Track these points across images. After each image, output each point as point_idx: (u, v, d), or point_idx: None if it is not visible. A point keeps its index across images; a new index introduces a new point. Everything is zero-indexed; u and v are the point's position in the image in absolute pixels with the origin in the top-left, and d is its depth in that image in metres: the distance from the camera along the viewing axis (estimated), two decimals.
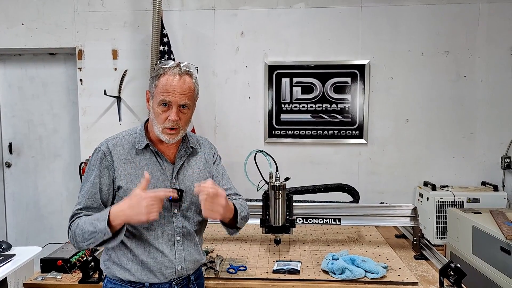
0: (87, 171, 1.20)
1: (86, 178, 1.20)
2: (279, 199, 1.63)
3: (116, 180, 1.19)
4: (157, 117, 1.17)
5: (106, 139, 1.23)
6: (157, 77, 1.17)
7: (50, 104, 3.23)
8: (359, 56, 2.95)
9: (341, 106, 2.99)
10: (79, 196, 1.19)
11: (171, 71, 1.16)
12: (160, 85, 1.15)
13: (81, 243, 1.12)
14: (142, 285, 1.18)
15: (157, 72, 1.18)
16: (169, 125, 1.16)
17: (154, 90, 1.17)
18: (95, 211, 1.16)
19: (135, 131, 1.26)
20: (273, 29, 2.97)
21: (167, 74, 1.16)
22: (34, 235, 3.28)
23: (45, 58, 3.20)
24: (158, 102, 1.16)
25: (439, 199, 2.69)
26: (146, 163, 1.21)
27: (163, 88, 1.15)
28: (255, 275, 1.49)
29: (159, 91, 1.15)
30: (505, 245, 1.91)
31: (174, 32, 2.96)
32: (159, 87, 1.15)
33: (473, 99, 2.91)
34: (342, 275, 1.45)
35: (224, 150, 3.05)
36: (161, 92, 1.15)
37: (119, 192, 1.19)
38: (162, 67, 1.18)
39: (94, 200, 1.18)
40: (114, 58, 3.03)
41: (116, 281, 1.21)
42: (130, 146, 1.22)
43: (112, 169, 1.19)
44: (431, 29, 2.88)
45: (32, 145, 3.27)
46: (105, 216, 1.07)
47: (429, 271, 1.55)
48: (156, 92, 1.16)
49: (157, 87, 1.16)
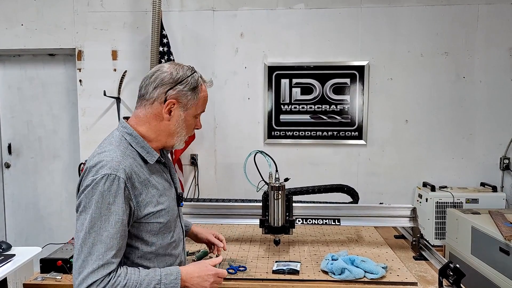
0: (100, 205, 0.96)
1: (106, 214, 0.96)
2: (279, 200, 1.63)
3: (142, 208, 1.04)
4: (188, 128, 1.15)
5: (113, 163, 0.99)
6: (198, 89, 1.13)
7: (49, 105, 3.23)
8: (359, 57, 2.95)
9: (340, 107, 2.99)
10: (102, 240, 0.94)
11: (206, 84, 1.18)
12: (203, 97, 1.15)
13: None
14: None
15: (197, 83, 1.13)
16: (193, 133, 1.19)
17: (193, 102, 1.12)
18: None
19: (131, 142, 1.07)
20: (273, 30, 2.98)
21: (204, 86, 1.17)
22: (34, 236, 3.28)
23: (44, 59, 3.20)
24: (196, 114, 1.16)
25: (438, 200, 2.70)
26: (159, 175, 1.13)
27: (205, 100, 1.17)
28: (254, 276, 1.49)
29: (202, 103, 1.16)
30: (504, 246, 1.92)
31: (173, 33, 2.97)
32: (202, 99, 1.15)
33: (472, 100, 2.92)
34: (341, 275, 1.45)
35: (224, 151, 3.06)
36: (203, 104, 1.17)
37: (146, 218, 1.05)
38: (200, 76, 1.16)
39: (124, 241, 1.01)
40: (114, 59, 3.03)
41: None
42: (138, 163, 1.06)
43: (132, 198, 1.02)
44: (431, 30, 2.89)
45: (31, 146, 3.27)
46: (177, 283, 1.02)
47: (428, 271, 1.55)
48: (197, 105, 1.14)
49: (199, 99, 1.14)
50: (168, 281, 1.02)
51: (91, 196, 0.97)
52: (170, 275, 1.04)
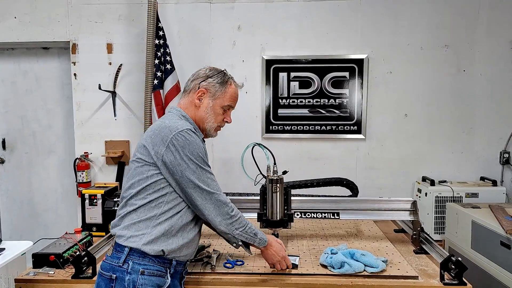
0: (199, 153, 1.25)
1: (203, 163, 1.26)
2: (277, 193, 1.60)
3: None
4: (216, 116, 1.37)
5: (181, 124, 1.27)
6: (225, 84, 1.37)
7: (44, 99, 3.18)
8: (358, 50, 2.91)
9: (339, 101, 2.96)
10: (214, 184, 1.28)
11: (236, 84, 1.42)
12: (230, 92, 1.38)
13: (239, 230, 1.29)
14: (169, 263, 1.25)
15: (224, 78, 1.38)
16: (223, 125, 1.41)
17: (222, 94, 1.36)
18: None
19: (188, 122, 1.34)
20: (271, 23, 2.93)
21: (233, 85, 1.40)
22: (29, 232, 3.23)
23: (38, 52, 3.14)
24: (223, 106, 1.37)
25: (437, 194, 2.67)
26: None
27: (232, 96, 1.39)
28: (252, 270, 1.46)
29: (228, 97, 1.38)
30: (505, 240, 1.89)
31: (169, 25, 2.92)
32: (229, 93, 1.38)
33: (472, 94, 2.89)
34: (341, 269, 1.42)
35: (221, 145, 3.02)
36: (230, 99, 1.39)
37: None
38: (231, 77, 1.41)
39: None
40: (109, 52, 2.98)
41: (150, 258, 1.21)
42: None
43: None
44: (431, 22, 2.85)
45: (26, 141, 3.21)
46: (266, 241, 1.38)
47: (429, 265, 1.53)
48: (224, 97, 1.37)
49: (227, 93, 1.37)
50: (261, 235, 1.37)
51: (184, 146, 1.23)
52: (262, 234, 1.37)
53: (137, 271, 1.18)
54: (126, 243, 1.20)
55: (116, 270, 1.20)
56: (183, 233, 1.26)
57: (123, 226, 1.23)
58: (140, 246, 1.19)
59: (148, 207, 1.23)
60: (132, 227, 1.22)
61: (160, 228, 1.22)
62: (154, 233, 1.21)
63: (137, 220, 1.22)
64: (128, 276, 1.18)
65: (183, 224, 1.25)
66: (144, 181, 1.23)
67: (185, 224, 1.26)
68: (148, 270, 1.19)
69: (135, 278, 1.18)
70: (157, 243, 1.20)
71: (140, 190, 1.23)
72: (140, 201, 1.23)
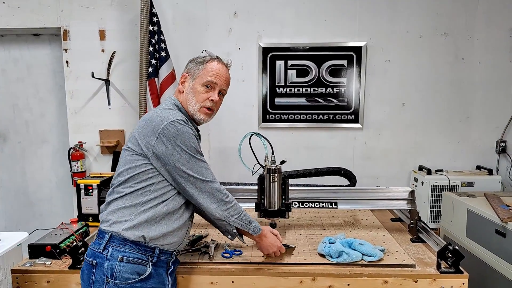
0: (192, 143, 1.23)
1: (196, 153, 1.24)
2: (275, 183, 1.58)
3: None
4: (197, 95, 1.32)
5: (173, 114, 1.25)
6: (204, 62, 1.34)
7: (35, 88, 3.11)
8: (356, 37, 2.87)
9: (336, 90, 2.93)
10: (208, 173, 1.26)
11: (218, 60, 1.35)
12: (209, 68, 1.33)
13: (234, 217, 1.30)
14: (152, 251, 1.23)
15: (203, 59, 1.35)
16: (209, 104, 1.33)
17: (200, 72, 1.33)
18: None
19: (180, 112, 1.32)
20: (268, 10, 2.87)
21: (215, 61, 1.34)
22: (24, 223, 3.21)
23: (28, 39, 3.05)
24: (203, 83, 1.32)
25: (434, 183, 2.69)
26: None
27: (211, 71, 1.33)
28: (250, 260, 1.46)
29: (207, 73, 1.32)
30: (501, 228, 1.91)
31: (163, 11, 2.85)
32: (208, 70, 1.33)
33: (470, 82, 2.88)
34: (339, 258, 1.42)
35: (218, 135, 2.99)
36: (209, 74, 1.32)
37: None
38: (209, 55, 1.36)
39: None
40: (102, 39, 2.90)
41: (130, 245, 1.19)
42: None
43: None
44: (430, 10, 2.81)
45: (18, 130, 3.16)
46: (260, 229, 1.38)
47: (426, 253, 1.54)
48: (202, 74, 1.32)
49: (205, 69, 1.33)
50: (255, 223, 1.36)
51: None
52: (256, 222, 1.37)
53: (115, 258, 1.18)
54: (108, 228, 1.21)
55: (97, 256, 1.20)
56: (168, 222, 1.24)
57: (108, 212, 1.24)
58: (120, 231, 1.19)
59: (134, 194, 1.22)
60: (116, 213, 1.22)
61: (144, 216, 1.21)
62: (137, 220, 1.20)
63: (122, 206, 1.22)
64: (107, 263, 1.18)
65: (168, 212, 1.24)
66: (133, 170, 1.23)
67: (170, 213, 1.25)
68: (127, 257, 1.18)
69: (114, 265, 1.17)
70: (138, 229, 1.20)
71: (128, 179, 1.23)
72: (127, 189, 1.23)
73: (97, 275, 1.18)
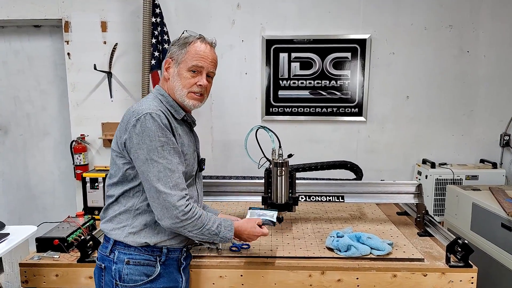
0: (153, 143, 1.09)
1: (155, 153, 1.09)
2: (282, 177, 1.58)
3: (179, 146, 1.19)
4: (184, 81, 1.21)
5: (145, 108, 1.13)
6: (187, 44, 1.22)
7: (37, 80, 3.07)
8: (360, 30, 2.84)
9: (340, 83, 2.91)
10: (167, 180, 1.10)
11: (201, 40, 1.23)
12: (192, 51, 1.21)
13: (192, 232, 1.15)
14: (160, 251, 1.19)
15: (186, 40, 1.23)
16: (197, 89, 1.22)
17: (184, 56, 1.21)
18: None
19: (162, 101, 1.22)
20: (271, 1, 2.83)
21: (198, 42, 1.22)
22: (27, 216, 3.20)
23: (29, 31, 3.01)
24: (188, 68, 1.21)
25: (438, 176, 2.69)
26: (185, 133, 1.25)
27: (196, 53, 1.21)
28: (258, 253, 1.46)
29: (191, 56, 1.21)
30: (506, 222, 1.91)
31: (166, 3, 2.80)
32: (191, 53, 1.21)
33: (474, 76, 2.86)
34: (347, 252, 1.42)
35: (221, 128, 2.97)
36: (194, 57, 1.21)
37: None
38: (191, 35, 1.23)
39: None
40: (103, 31, 2.86)
41: (136, 247, 1.17)
42: (171, 116, 1.20)
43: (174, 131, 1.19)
44: (435, 2, 2.78)
45: (19, 122, 3.13)
46: (231, 228, 1.22)
47: (433, 247, 1.54)
48: (186, 58, 1.21)
49: (188, 53, 1.21)
50: (226, 224, 1.22)
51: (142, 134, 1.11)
52: (226, 221, 1.23)
53: (122, 261, 1.16)
54: (110, 235, 1.19)
55: (105, 260, 1.20)
56: None
57: (107, 219, 1.22)
58: (122, 239, 1.17)
59: (125, 197, 1.19)
60: (114, 220, 1.20)
61: (141, 219, 1.17)
62: (136, 225, 1.17)
63: (118, 212, 1.20)
64: (114, 266, 1.17)
65: None
66: (118, 171, 1.19)
67: None
68: (133, 260, 1.17)
69: (121, 268, 1.16)
70: (140, 235, 1.17)
71: (117, 181, 1.19)
72: (117, 191, 1.20)
73: (106, 278, 1.18)
